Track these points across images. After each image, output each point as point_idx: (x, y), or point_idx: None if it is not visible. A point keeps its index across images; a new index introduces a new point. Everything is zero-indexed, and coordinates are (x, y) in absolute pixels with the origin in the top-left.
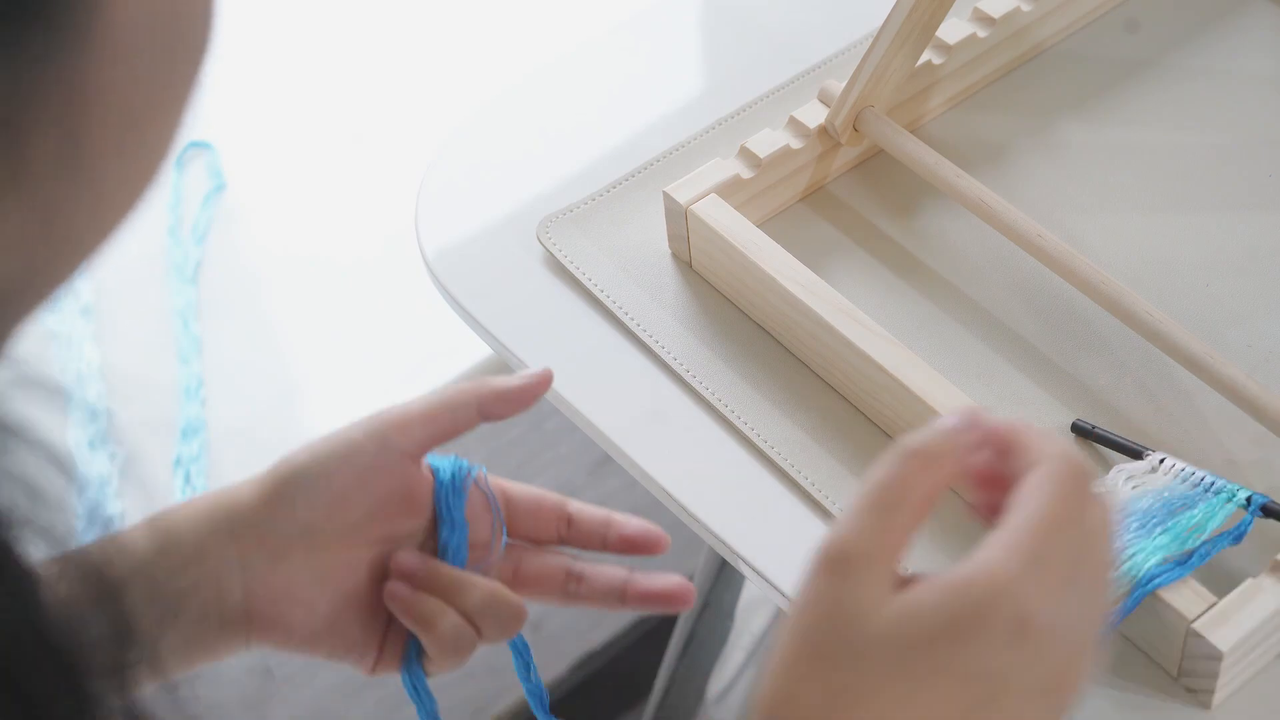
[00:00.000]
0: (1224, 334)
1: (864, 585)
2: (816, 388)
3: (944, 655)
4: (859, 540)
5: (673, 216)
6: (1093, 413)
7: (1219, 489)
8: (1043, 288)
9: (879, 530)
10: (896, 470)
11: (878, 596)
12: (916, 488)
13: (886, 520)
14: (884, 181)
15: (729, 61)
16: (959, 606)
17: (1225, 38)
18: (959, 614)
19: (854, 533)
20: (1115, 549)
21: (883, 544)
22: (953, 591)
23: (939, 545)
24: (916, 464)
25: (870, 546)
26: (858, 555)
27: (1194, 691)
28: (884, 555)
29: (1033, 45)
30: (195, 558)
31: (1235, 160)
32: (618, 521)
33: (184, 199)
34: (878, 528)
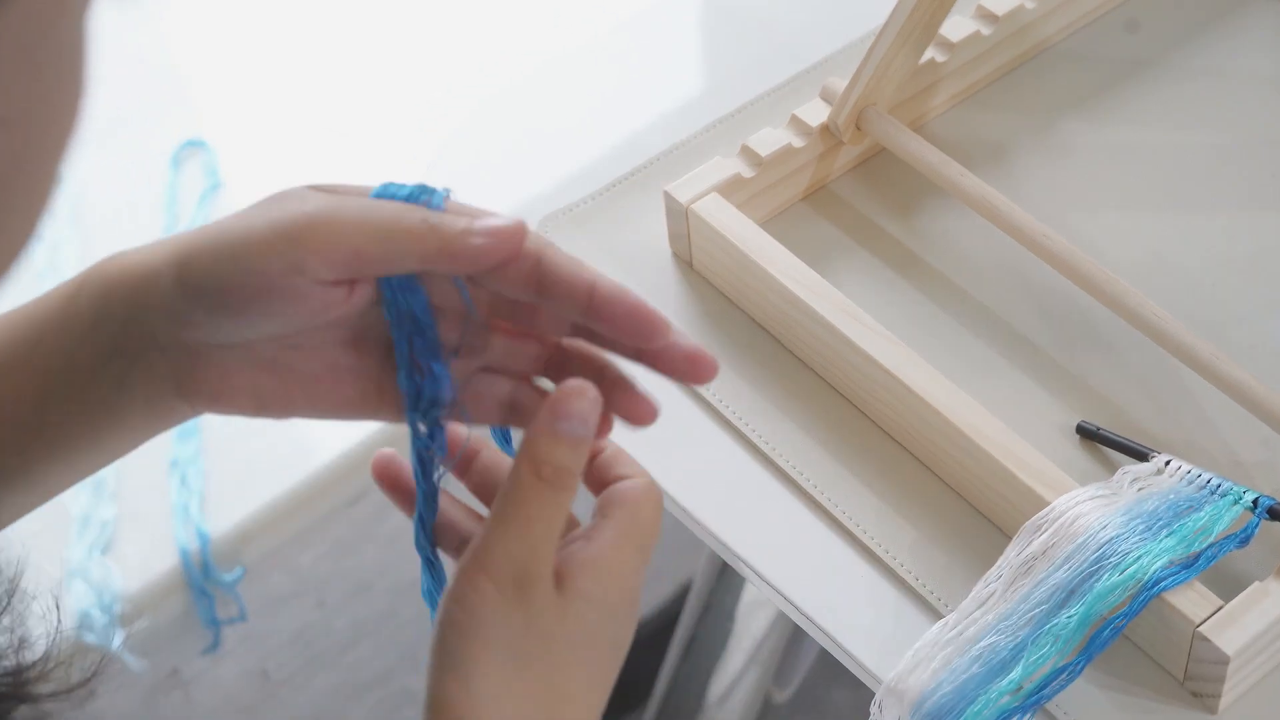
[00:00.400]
0: (1230, 334)
1: (550, 599)
2: (818, 388)
3: (612, 629)
4: (537, 557)
5: (673, 216)
6: (1097, 414)
7: (1225, 491)
8: (1047, 287)
9: (551, 553)
10: (556, 506)
11: (554, 600)
12: (566, 501)
13: (554, 544)
14: (886, 180)
15: (730, 59)
16: (614, 598)
17: (1229, 37)
18: (616, 602)
19: (530, 551)
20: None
21: (550, 553)
22: (606, 582)
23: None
24: (568, 497)
25: (546, 559)
26: (541, 574)
27: (1200, 696)
28: (550, 562)
29: (1036, 43)
30: (119, 347)
31: (1240, 160)
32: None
33: (180, 198)
34: (548, 540)
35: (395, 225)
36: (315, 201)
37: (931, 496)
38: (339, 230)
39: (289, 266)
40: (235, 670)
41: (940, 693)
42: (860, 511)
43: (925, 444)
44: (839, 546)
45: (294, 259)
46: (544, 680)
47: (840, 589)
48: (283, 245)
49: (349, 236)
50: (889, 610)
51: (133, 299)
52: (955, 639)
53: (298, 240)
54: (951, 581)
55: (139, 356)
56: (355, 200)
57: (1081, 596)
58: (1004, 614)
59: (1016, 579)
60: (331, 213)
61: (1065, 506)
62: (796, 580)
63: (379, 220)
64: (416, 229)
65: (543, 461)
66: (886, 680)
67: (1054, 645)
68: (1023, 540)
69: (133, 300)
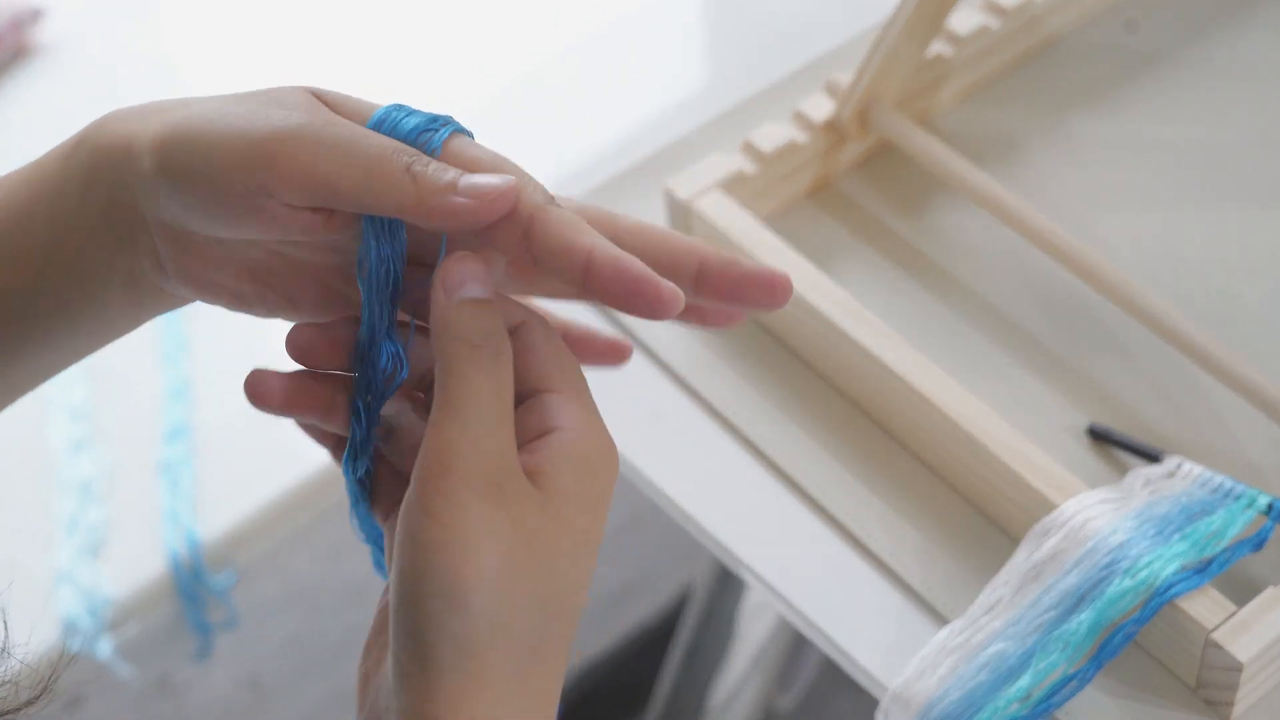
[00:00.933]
0: (1244, 334)
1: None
2: (821, 390)
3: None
4: (501, 445)
5: (675, 213)
6: (1109, 415)
7: (1239, 494)
8: (1057, 287)
9: (507, 423)
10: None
11: (534, 497)
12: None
13: (508, 408)
14: (892, 177)
15: (732, 54)
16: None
17: (1241, 31)
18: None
19: (494, 438)
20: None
21: (510, 434)
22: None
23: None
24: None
25: (510, 443)
26: (512, 465)
27: (1212, 704)
28: (513, 445)
29: (1045, 37)
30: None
31: (1255, 156)
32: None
33: None
34: (506, 419)
35: (376, 167)
36: (301, 117)
37: (938, 500)
38: (314, 158)
39: (257, 186)
40: (226, 677)
41: (947, 700)
42: (864, 515)
43: (931, 446)
44: (842, 551)
45: (262, 179)
46: (540, 590)
47: (844, 594)
48: (254, 161)
49: (323, 167)
50: (894, 616)
51: (117, 172)
52: (962, 645)
53: (269, 160)
54: (958, 587)
55: (126, 229)
56: (344, 128)
57: (1091, 602)
58: (1012, 620)
59: (1025, 584)
60: (313, 136)
61: (1075, 510)
62: (799, 585)
63: (360, 157)
64: (396, 176)
65: (467, 332)
66: (892, 687)
67: (1063, 652)
68: (1031, 544)
69: (117, 172)
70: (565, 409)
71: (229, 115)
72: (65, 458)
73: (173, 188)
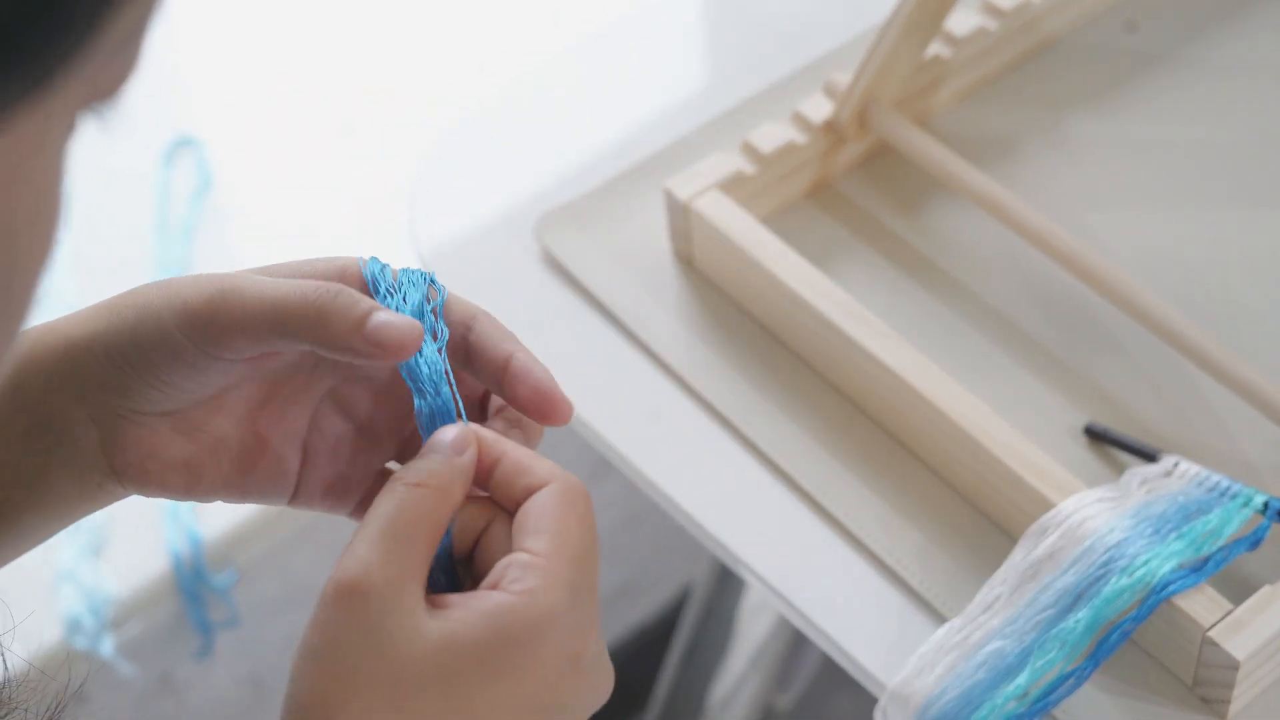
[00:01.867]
0: (1240, 334)
1: (394, 614)
2: (821, 389)
3: (497, 686)
4: (379, 570)
5: (674, 213)
6: (1106, 415)
7: (1235, 493)
8: (1054, 286)
9: (399, 558)
10: (408, 500)
11: (413, 624)
12: (430, 516)
13: (405, 548)
14: (891, 177)
15: (731, 54)
16: (507, 635)
17: (1239, 31)
18: (508, 642)
19: (372, 563)
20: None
21: (403, 571)
22: (498, 619)
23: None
24: (427, 494)
25: (392, 574)
26: (380, 584)
27: (1209, 702)
28: (408, 582)
29: (1043, 38)
30: (44, 421)
31: (1252, 156)
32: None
33: (171, 196)
34: (397, 556)
35: (282, 306)
36: (213, 284)
37: (936, 499)
38: (246, 299)
39: (198, 345)
40: (227, 676)
41: (945, 698)
42: (863, 514)
43: (930, 445)
44: (842, 550)
45: (201, 338)
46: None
47: (843, 593)
48: (186, 315)
49: (253, 306)
50: (892, 614)
51: (56, 370)
52: (960, 644)
53: (202, 312)
54: (956, 585)
55: (64, 430)
56: (252, 281)
57: (1089, 600)
58: (1010, 618)
59: (1023, 583)
60: (230, 292)
61: (1072, 509)
62: (798, 584)
63: (283, 290)
64: (302, 312)
65: (409, 470)
66: (891, 685)
67: (1061, 650)
68: (1029, 543)
69: (55, 371)
70: (524, 574)
71: (151, 309)
72: None
73: (125, 376)
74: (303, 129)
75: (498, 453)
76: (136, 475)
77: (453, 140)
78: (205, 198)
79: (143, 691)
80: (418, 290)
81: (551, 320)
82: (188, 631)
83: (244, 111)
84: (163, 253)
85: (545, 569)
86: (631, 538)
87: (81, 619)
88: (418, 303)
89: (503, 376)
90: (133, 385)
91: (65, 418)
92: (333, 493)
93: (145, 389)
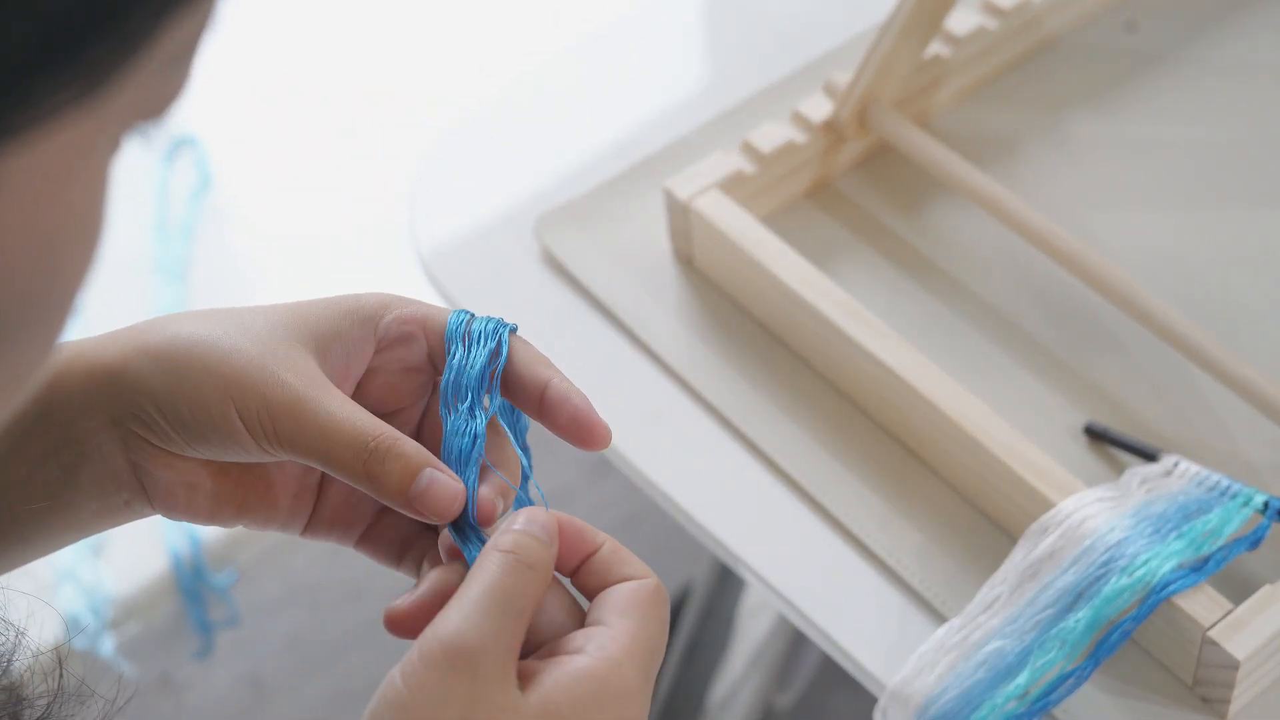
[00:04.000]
0: (1241, 333)
1: (502, 684)
2: (821, 389)
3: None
4: (490, 641)
5: (674, 213)
6: (1106, 414)
7: (1235, 493)
8: (1054, 286)
9: (506, 632)
10: (519, 577)
11: (515, 694)
12: (534, 594)
13: (513, 624)
14: (890, 177)
15: (731, 53)
16: (596, 698)
17: (1239, 31)
18: (596, 704)
19: (485, 634)
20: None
21: (510, 645)
22: (585, 681)
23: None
24: (535, 577)
25: (501, 647)
26: (491, 656)
27: (1209, 701)
28: (511, 655)
29: (1043, 37)
30: (72, 441)
31: (1251, 155)
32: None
33: (170, 196)
34: (505, 629)
35: (336, 454)
36: (281, 394)
37: (936, 498)
38: (294, 437)
39: (254, 443)
40: (227, 676)
41: (945, 698)
42: (863, 514)
43: (930, 445)
44: (841, 549)
45: (259, 442)
46: None
47: (843, 593)
48: (252, 431)
49: (300, 445)
50: (892, 614)
51: (88, 394)
52: (960, 643)
53: (264, 435)
54: (956, 585)
55: (93, 451)
56: (316, 405)
57: (1089, 600)
58: (1010, 618)
59: (1023, 582)
60: (296, 415)
61: (1072, 508)
62: (798, 584)
63: (329, 435)
64: (352, 464)
65: (510, 544)
66: (890, 685)
67: (1061, 650)
68: (1029, 543)
69: (87, 394)
70: (607, 644)
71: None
72: None
73: (150, 414)
74: (303, 129)
75: (599, 540)
76: (164, 499)
77: (453, 140)
78: (205, 198)
79: (142, 691)
80: (483, 348)
81: (551, 320)
82: (187, 631)
83: (243, 111)
84: (162, 252)
85: (627, 646)
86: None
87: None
88: (480, 364)
89: (540, 403)
90: (177, 439)
91: (95, 439)
92: (340, 525)
93: (189, 446)
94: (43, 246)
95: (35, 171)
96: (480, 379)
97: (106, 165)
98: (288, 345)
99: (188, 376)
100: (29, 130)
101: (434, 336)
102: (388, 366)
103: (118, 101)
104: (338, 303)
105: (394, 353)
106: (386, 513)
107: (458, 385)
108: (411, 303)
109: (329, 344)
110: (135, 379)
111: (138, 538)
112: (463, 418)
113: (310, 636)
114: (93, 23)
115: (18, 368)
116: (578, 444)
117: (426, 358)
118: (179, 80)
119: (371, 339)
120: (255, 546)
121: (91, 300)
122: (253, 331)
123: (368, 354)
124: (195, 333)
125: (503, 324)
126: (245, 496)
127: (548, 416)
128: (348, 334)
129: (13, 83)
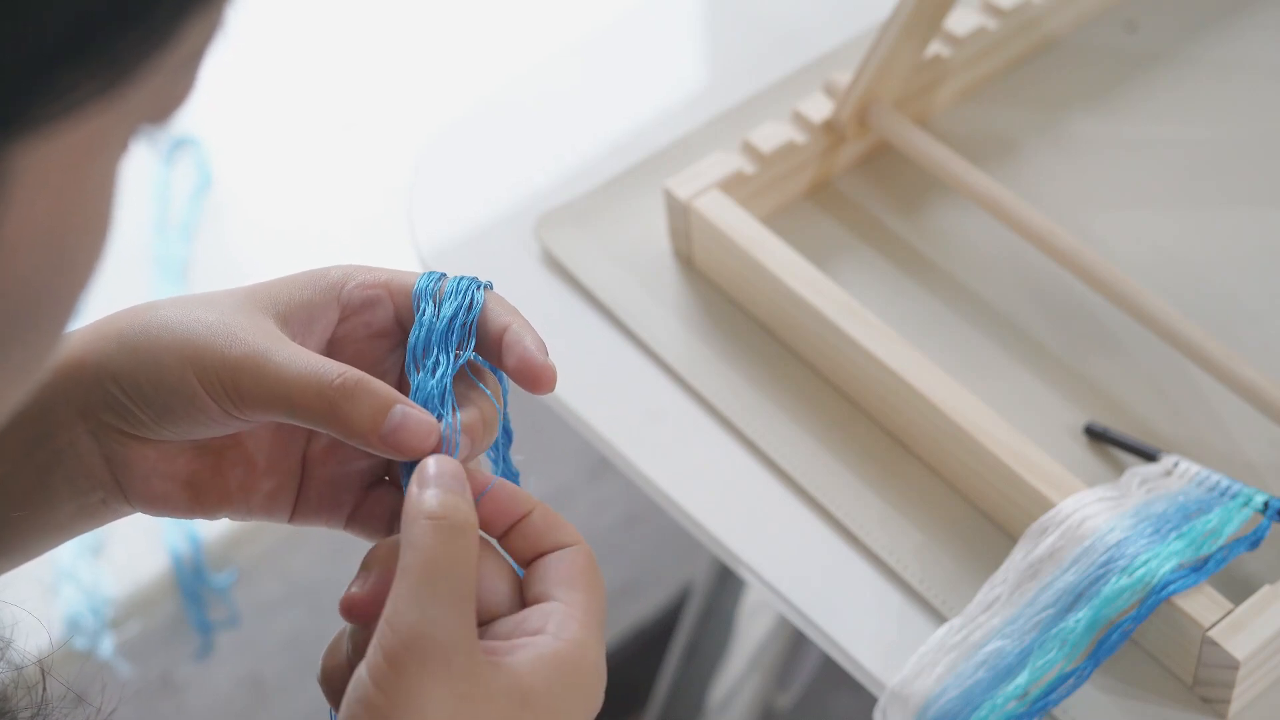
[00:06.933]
0: (1241, 333)
1: (477, 673)
2: (821, 389)
3: (571, 709)
4: (455, 630)
5: (674, 212)
6: (1106, 414)
7: (1235, 493)
8: (1054, 286)
9: (464, 614)
10: (455, 548)
11: (490, 679)
12: (471, 562)
13: (464, 603)
14: (891, 177)
15: (731, 53)
16: (568, 681)
17: (1238, 31)
18: (568, 684)
19: (447, 625)
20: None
21: (471, 626)
22: (556, 664)
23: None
24: (466, 540)
25: (464, 633)
26: (459, 648)
27: (1209, 701)
28: (474, 637)
29: (1043, 37)
30: (45, 436)
31: (1250, 155)
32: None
33: (171, 195)
34: (462, 612)
35: (299, 398)
36: (238, 350)
37: (936, 498)
38: (256, 390)
39: (220, 410)
40: (227, 676)
41: (945, 698)
42: (863, 514)
43: (930, 445)
44: (841, 549)
45: (224, 407)
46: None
47: (843, 593)
48: (214, 396)
49: (261, 398)
50: (892, 614)
51: (59, 386)
52: (960, 643)
53: (227, 396)
54: (956, 585)
55: (66, 446)
56: (275, 355)
57: (1089, 600)
58: (1010, 618)
59: (1023, 582)
60: (255, 369)
61: (1072, 508)
62: (798, 584)
63: (289, 381)
64: (317, 406)
65: (429, 508)
66: (890, 685)
67: (1061, 650)
68: (1029, 543)
69: (58, 387)
70: (567, 623)
71: (160, 346)
72: None
73: (118, 402)
74: (302, 128)
75: (530, 504)
76: (140, 492)
77: (452, 140)
78: (205, 196)
79: (142, 692)
80: (452, 302)
81: (552, 319)
82: (187, 631)
83: (243, 111)
84: (162, 251)
85: (584, 621)
86: (631, 538)
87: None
88: (448, 316)
89: (499, 349)
90: (145, 419)
91: (68, 433)
92: (327, 507)
93: (158, 426)
94: (55, 242)
95: (53, 164)
96: (447, 331)
97: (116, 165)
98: (249, 313)
99: (148, 350)
100: (53, 121)
101: (400, 297)
102: (354, 334)
103: (134, 99)
104: (301, 275)
105: (360, 318)
106: (374, 488)
107: (427, 342)
108: (376, 270)
109: (292, 311)
110: (97, 362)
111: (137, 538)
112: (429, 374)
113: (310, 636)
114: (121, 16)
115: (25, 363)
116: (524, 386)
117: (394, 320)
118: (186, 85)
119: (335, 305)
120: (255, 546)
121: (89, 299)
122: (214, 305)
123: (332, 319)
124: (158, 312)
125: (476, 281)
126: (224, 483)
127: (503, 360)
128: (310, 300)
129: (43, 72)
